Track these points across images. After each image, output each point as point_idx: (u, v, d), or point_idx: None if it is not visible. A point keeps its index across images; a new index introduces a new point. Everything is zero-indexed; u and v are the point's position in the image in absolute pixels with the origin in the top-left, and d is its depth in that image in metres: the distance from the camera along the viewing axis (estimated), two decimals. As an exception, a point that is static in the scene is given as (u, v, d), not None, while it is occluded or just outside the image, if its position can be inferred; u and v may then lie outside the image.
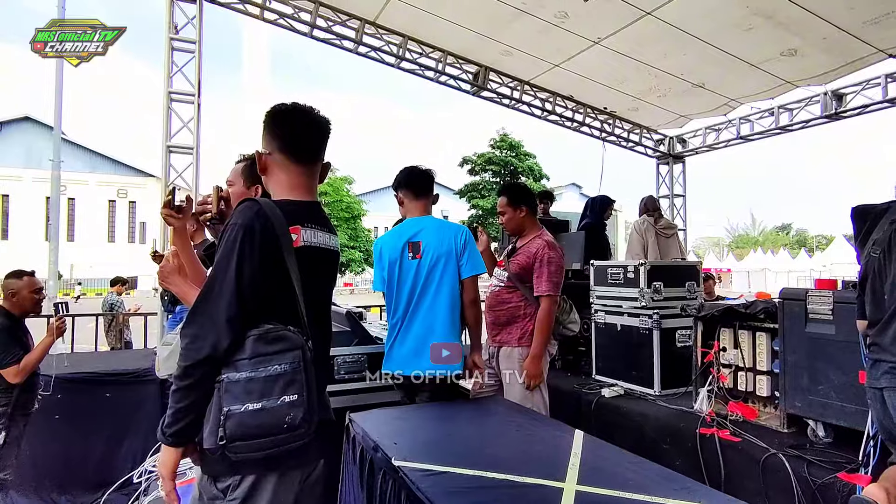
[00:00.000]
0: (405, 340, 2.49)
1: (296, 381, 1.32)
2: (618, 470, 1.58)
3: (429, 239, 2.52)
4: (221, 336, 1.29)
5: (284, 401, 1.29)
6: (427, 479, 1.48)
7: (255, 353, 1.30)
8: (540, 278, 2.88)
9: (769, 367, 2.57)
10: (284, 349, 1.33)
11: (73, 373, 3.61)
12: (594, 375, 3.58)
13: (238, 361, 1.30)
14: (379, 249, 2.62)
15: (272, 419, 1.28)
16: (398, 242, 2.54)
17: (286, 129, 1.54)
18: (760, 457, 2.18)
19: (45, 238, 27.47)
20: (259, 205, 1.40)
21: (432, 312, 2.46)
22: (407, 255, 2.50)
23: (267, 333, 1.33)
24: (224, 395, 1.27)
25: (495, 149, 30.19)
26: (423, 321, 2.47)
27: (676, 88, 6.85)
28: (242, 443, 1.27)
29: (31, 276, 2.93)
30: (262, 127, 1.56)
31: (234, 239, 1.34)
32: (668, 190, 9.19)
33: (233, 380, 1.28)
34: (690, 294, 3.33)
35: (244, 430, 1.26)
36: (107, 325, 7.72)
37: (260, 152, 1.53)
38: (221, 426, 1.26)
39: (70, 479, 3.49)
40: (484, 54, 6.77)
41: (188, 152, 5.46)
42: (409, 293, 2.48)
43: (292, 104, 1.56)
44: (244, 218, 1.36)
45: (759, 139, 7.78)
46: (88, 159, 35.04)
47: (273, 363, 1.31)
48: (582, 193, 46.98)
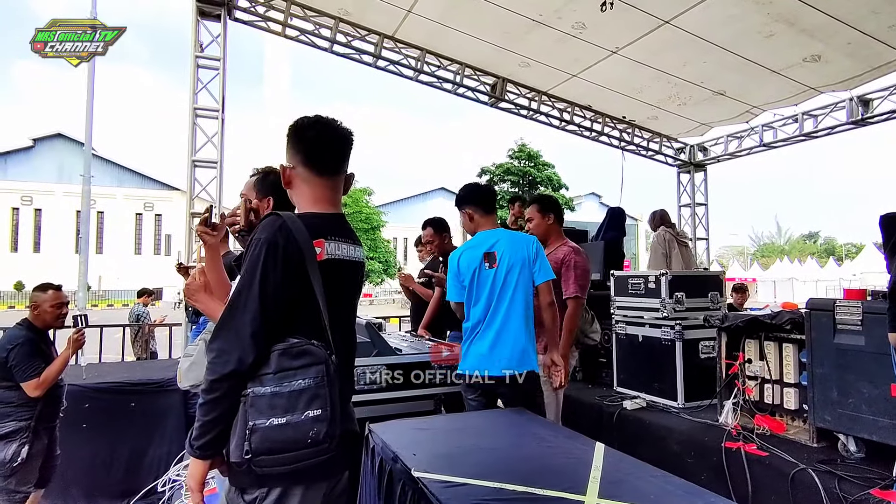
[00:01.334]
0: (482, 343, 2.62)
1: (319, 396, 1.33)
2: (640, 484, 1.55)
3: (504, 249, 2.67)
4: (247, 351, 1.30)
5: (308, 416, 1.31)
6: (447, 491, 1.47)
7: (279, 367, 1.32)
8: (567, 281, 3.04)
9: (797, 379, 2.51)
10: (309, 364, 1.34)
11: (99, 382, 3.68)
12: (616, 387, 3.53)
13: (263, 376, 1.31)
14: (456, 262, 2.75)
15: (296, 434, 1.29)
16: (476, 253, 2.69)
17: (309, 143, 1.55)
18: (789, 472, 2.12)
19: (76, 251, 28.30)
20: (282, 219, 1.41)
21: (508, 316, 2.61)
22: (484, 266, 2.66)
23: (291, 348, 1.34)
24: (249, 409, 1.29)
25: (513, 159, 30.20)
26: (500, 325, 2.61)
27: (697, 96, 6.79)
28: (267, 457, 1.28)
29: (56, 290, 2.93)
30: (285, 140, 1.58)
31: (257, 254, 1.36)
32: (690, 199, 9.06)
33: (258, 394, 1.30)
34: (713, 304, 3.27)
35: (269, 444, 1.28)
36: (133, 335, 7.89)
37: (284, 166, 1.55)
38: (247, 440, 1.27)
39: (96, 487, 3.55)
40: (501, 66, 6.81)
41: (212, 166, 5.59)
42: (487, 299, 2.63)
43: (315, 117, 1.57)
44: (267, 233, 1.38)
45: (783, 146, 7.64)
46: (116, 174, 36.07)
47: (297, 378, 1.32)
48: (602, 203, 46.60)
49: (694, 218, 9.08)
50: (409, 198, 47.05)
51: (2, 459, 2.65)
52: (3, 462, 2.65)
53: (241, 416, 1.30)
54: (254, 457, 1.27)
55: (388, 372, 2.86)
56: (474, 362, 2.64)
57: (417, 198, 47.41)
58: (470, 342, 2.69)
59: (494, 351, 2.60)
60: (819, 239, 56.28)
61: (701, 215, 9.13)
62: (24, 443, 2.71)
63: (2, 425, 2.68)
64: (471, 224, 2.79)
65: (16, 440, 2.69)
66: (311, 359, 1.35)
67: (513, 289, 2.63)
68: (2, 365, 2.69)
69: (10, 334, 2.79)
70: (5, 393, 2.71)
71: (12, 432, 2.69)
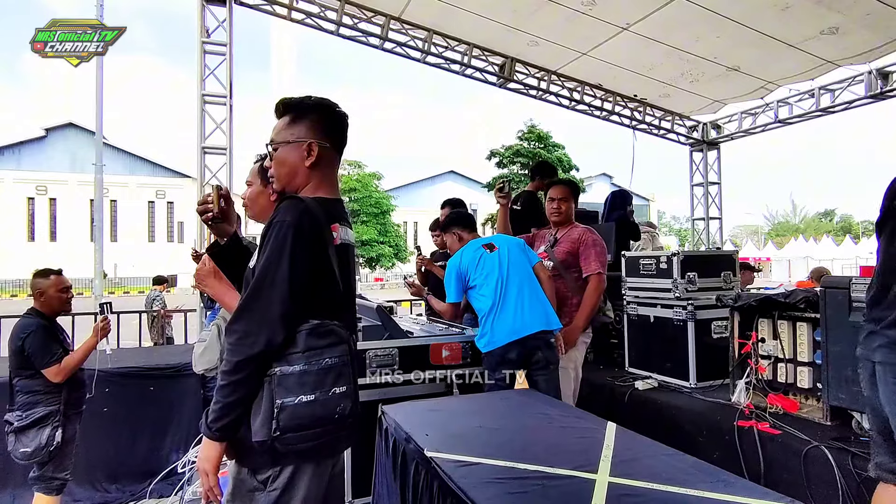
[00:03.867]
0: (505, 315, 2.78)
1: (345, 374, 1.37)
2: (652, 462, 1.56)
3: (498, 240, 3.01)
4: (276, 332, 1.32)
5: (336, 392, 1.34)
6: (459, 470, 1.49)
7: (307, 346, 1.34)
8: (588, 259, 3.13)
9: (810, 358, 2.49)
10: (334, 343, 1.38)
11: (119, 367, 3.76)
12: (627, 368, 3.54)
13: (291, 355, 1.33)
14: (458, 261, 2.98)
15: (324, 410, 1.33)
16: (475, 246, 2.98)
17: (338, 123, 1.58)
18: (802, 449, 2.12)
19: (91, 239, 28.68)
20: (304, 203, 1.43)
21: (521, 286, 2.83)
22: (486, 252, 2.92)
23: (318, 328, 1.37)
24: (276, 388, 1.31)
25: (523, 141, 29.92)
26: (516, 294, 2.80)
27: (710, 73, 6.64)
28: (294, 434, 1.30)
29: (58, 275, 2.90)
30: (294, 116, 1.54)
31: (283, 235, 1.36)
32: (703, 178, 8.94)
33: (286, 373, 1.32)
34: (726, 284, 3.24)
35: (298, 421, 1.30)
36: (150, 321, 8.01)
37: (318, 143, 1.52)
38: (275, 418, 1.29)
39: (119, 469, 3.65)
40: (510, 45, 6.71)
41: (222, 153, 5.60)
42: (497, 277, 2.84)
43: (327, 99, 1.59)
44: (293, 216, 1.38)
45: (799, 122, 7.48)
46: (128, 162, 36.32)
47: (325, 356, 1.35)
48: (613, 183, 46.13)
49: (707, 197, 8.97)
50: (418, 182, 46.94)
51: (38, 445, 2.69)
52: (39, 448, 2.69)
53: (267, 396, 1.32)
54: (281, 434, 1.29)
55: (400, 354, 2.89)
56: (503, 333, 2.76)
57: (426, 182, 47.27)
58: (491, 322, 2.81)
59: (519, 316, 2.76)
60: (835, 217, 55.34)
61: (714, 194, 9.01)
62: (57, 426, 2.74)
63: (31, 412, 2.71)
64: (459, 243, 3.11)
65: (48, 425, 2.72)
66: (337, 338, 1.39)
67: (517, 264, 2.88)
68: (19, 354, 2.71)
69: (22, 324, 2.79)
70: (28, 382, 2.74)
71: (43, 418, 2.72)
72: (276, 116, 1.60)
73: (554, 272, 3.19)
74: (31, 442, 2.70)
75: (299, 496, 1.38)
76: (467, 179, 45.24)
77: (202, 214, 1.67)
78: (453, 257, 3.06)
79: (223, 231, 1.66)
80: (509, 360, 2.75)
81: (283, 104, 1.58)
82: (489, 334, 2.81)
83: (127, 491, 3.59)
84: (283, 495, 1.37)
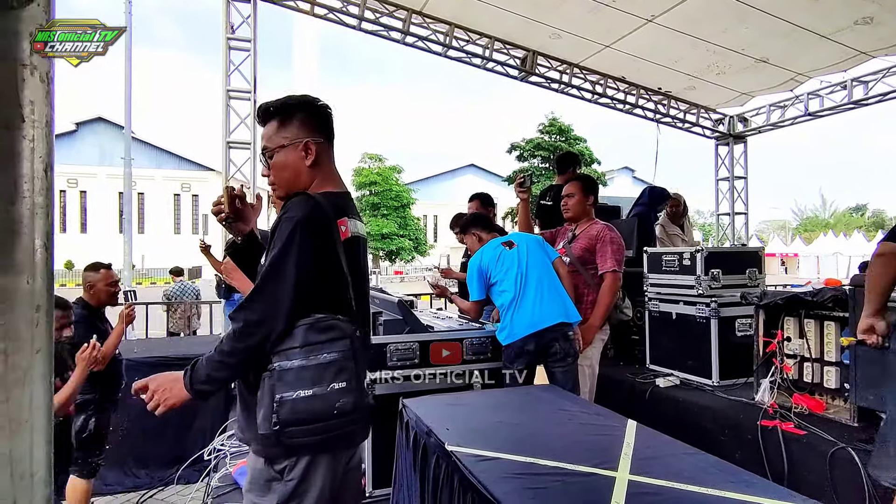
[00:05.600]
0: (524, 308, 2.82)
1: (346, 369, 1.39)
2: (672, 461, 1.55)
3: (517, 237, 3.06)
4: (278, 323, 1.35)
5: (335, 387, 1.36)
6: (480, 464, 1.51)
7: (305, 342, 1.36)
8: (604, 256, 3.11)
9: (838, 357, 2.44)
10: (335, 338, 1.40)
11: (147, 357, 3.87)
12: (648, 365, 3.51)
13: (289, 350, 1.36)
14: (478, 260, 3.03)
15: (323, 405, 1.35)
16: (494, 244, 3.04)
17: (329, 120, 1.59)
18: (828, 450, 2.09)
19: (119, 231, 29.41)
20: (314, 199, 1.45)
21: (540, 280, 2.87)
22: (505, 249, 2.98)
23: (318, 323, 1.39)
24: (277, 382, 1.34)
25: (544, 134, 29.65)
26: (535, 287, 2.85)
27: (737, 65, 6.50)
28: (296, 428, 1.33)
29: (107, 270, 3.07)
30: (290, 117, 1.53)
31: (292, 230, 1.39)
32: (728, 172, 8.76)
33: (285, 368, 1.35)
34: (751, 281, 3.19)
35: (297, 415, 1.33)
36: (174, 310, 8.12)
37: (315, 142, 1.53)
38: (275, 413, 1.32)
39: (149, 455, 3.77)
40: (532, 38, 6.65)
41: (246, 147, 5.70)
42: (517, 272, 2.88)
43: (308, 95, 1.58)
44: (302, 211, 1.41)
45: (831, 115, 7.27)
46: (155, 156, 37.09)
47: (323, 351, 1.37)
48: (635, 177, 45.49)
49: (732, 192, 8.79)
50: (438, 175, 46.92)
51: (73, 432, 2.82)
52: (74, 434, 2.82)
53: (268, 390, 1.35)
54: (282, 428, 1.32)
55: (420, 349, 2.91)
56: (522, 325, 2.79)
57: (446, 175, 47.23)
58: (511, 315, 2.85)
59: (538, 309, 2.80)
60: (867, 212, 53.58)
61: (740, 189, 8.83)
62: (91, 415, 2.89)
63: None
64: (479, 244, 3.16)
65: (84, 413, 2.86)
66: (338, 333, 1.40)
67: (536, 259, 2.92)
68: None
69: None
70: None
71: (79, 406, 2.84)
72: (259, 124, 1.58)
73: (571, 268, 3.19)
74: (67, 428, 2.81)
75: (316, 486, 1.41)
76: (487, 173, 45.08)
77: (216, 215, 1.70)
78: (474, 256, 3.12)
79: (239, 230, 1.68)
80: (527, 352, 2.79)
81: (265, 109, 1.55)
82: (509, 327, 2.85)
83: (155, 477, 3.70)
84: (300, 485, 1.40)
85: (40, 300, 0.91)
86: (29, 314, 0.88)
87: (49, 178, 0.93)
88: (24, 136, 0.87)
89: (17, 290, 0.87)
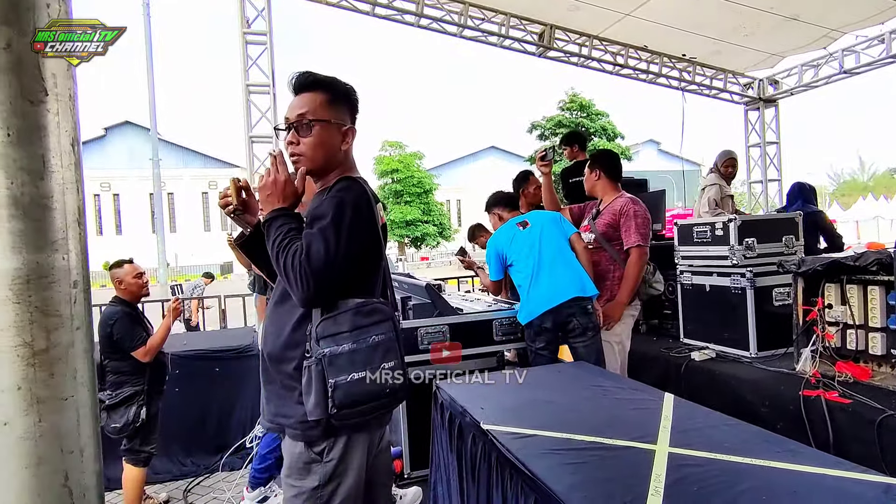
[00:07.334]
0: (539, 284, 2.84)
1: (392, 349, 1.42)
2: (713, 432, 1.53)
3: (532, 217, 3.06)
4: (318, 298, 1.37)
5: (385, 367, 1.39)
6: (516, 442, 1.51)
7: (354, 325, 1.39)
8: (628, 231, 3.05)
9: (883, 323, 2.35)
10: (380, 320, 1.42)
11: (186, 350, 3.99)
12: (682, 339, 3.45)
13: (338, 335, 1.37)
14: (494, 246, 3.09)
15: (376, 385, 1.38)
16: (510, 225, 3.07)
17: (356, 105, 1.59)
18: (876, 418, 2.02)
19: (152, 231, 30.26)
20: (360, 184, 1.47)
21: (554, 256, 2.88)
22: (519, 230, 3.00)
23: (363, 306, 1.41)
24: (328, 368, 1.35)
25: (565, 111, 29.11)
26: (550, 263, 2.86)
27: (766, 24, 6.22)
28: (349, 410, 1.36)
29: (130, 263, 3.16)
30: (339, 99, 1.52)
31: (342, 212, 1.38)
32: (759, 137, 8.46)
33: (336, 353, 1.36)
34: (788, 249, 3.09)
35: (352, 398, 1.36)
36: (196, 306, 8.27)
37: (353, 128, 1.54)
38: (329, 397, 1.34)
39: (193, 443, 3.90)
40: (548, 12, 6.51)
41: (269, 141, 5.75)
42: (530, 250, 2.91)
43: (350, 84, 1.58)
44: (353, 195, 1.42)
45: (868, 71, 6.92)
46: (181, 156, 37.91)
47: (371, 333, 1.40)
48: (660, 150, 44.37)
49: (764, 158, 8.50)
50: (459, 159, 46.64)
51: (126, 422, 2.97)
52: (127, 424, 2.97)
53: (318, 377, 1.36)
54: (338, 412, 1.35)
55: (451, 331, 2.93)
56: (538, 303, 2.81)
57: (468, 158, 46.91)
58: (527, 292, 2.87)
59: (553, 285, 2.80)
60: (909, 172, 51.15)
61: (772, 155, 8.53)
62: (142, 405, 3.01)
63: (120, 391, 2.99)
64: (500, 223, 3.19)
65: (135, 403, 3.00)
66: (382, 315, 1.43)
67: (550, 237, 2.93)
68: (108, 339, 2.96)
69: (108, 312, 3.03)
70: (117, 364, 3.00)
71: (130, 397, 2.99)
72: (298, 90, 1.51)
73: (596, 244, 3.16)
74: (120, 418, 2.97)
75: (355, 465, 1.45)
76: (509, 154, 44.61)
77: (224, 208, 1.68)
78: (492, 237, 3.17)
79: (247, 221, 1.65)
80: (546, 330, 2.81)
81: (312, 80, 1.50)
82: (527, 306, 2.87)
83: (201, 465, 3.83)
84: (340, 464, 1.43)
85: (77, 276, 0.91)
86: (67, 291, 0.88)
87: (76, 152, 0.93)
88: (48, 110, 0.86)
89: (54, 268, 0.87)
